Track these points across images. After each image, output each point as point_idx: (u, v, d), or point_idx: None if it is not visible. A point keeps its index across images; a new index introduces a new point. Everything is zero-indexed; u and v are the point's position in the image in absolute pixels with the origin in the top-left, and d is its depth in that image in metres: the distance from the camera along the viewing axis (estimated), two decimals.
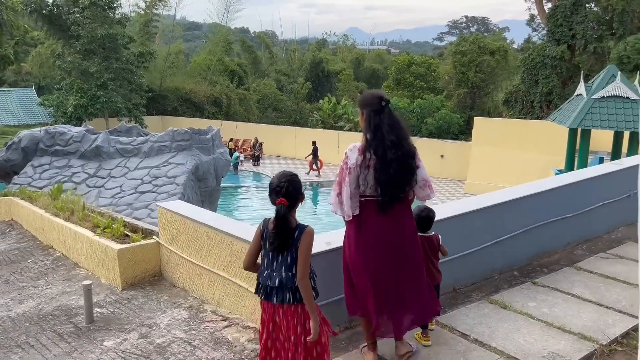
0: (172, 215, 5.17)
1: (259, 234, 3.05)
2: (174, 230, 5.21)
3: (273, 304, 2.93)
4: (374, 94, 3.44)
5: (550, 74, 21.93)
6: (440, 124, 27.31)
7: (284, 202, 2.88)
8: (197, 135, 13.30)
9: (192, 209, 5.18)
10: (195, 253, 4.90)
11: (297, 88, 43.81)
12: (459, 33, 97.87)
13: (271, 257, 2.96)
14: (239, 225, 4.54)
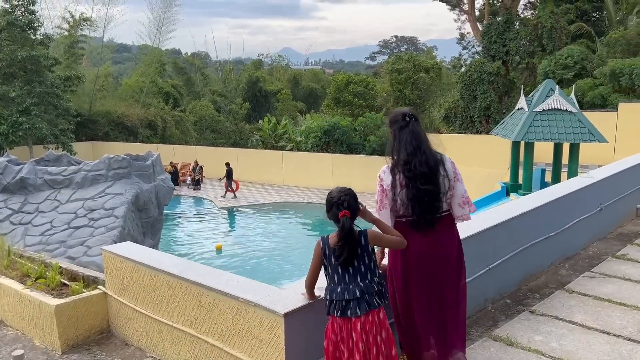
0: (122, 261, 4.37)
1: (320, 253, 3.05)
2: (124, 278, 4.41)
3: (351, 318, 2.92)
4: (398, 111, 3.44)
5: (488, 89, 22.51)
6: (383, 141, 27.34)
7: (347, 214, 2.99)
8: (135, 161, 12.30)
9: (146, 253, 4.40)
10: (154, 306, 4.13)
11: (236, 108, 42.97)
12: (389, 52, 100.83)
13: (341, 272, 2.99)
14: (208, 271, 3.83)
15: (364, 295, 2.93)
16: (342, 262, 2.96)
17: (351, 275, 2.97)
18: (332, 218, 3.06)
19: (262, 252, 17.97)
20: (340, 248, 2.96)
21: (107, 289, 4.70)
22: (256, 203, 24.80)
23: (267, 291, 3.35)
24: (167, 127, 35.82)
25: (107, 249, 4.54)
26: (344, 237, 2.96)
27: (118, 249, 4.53)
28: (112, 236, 10.11)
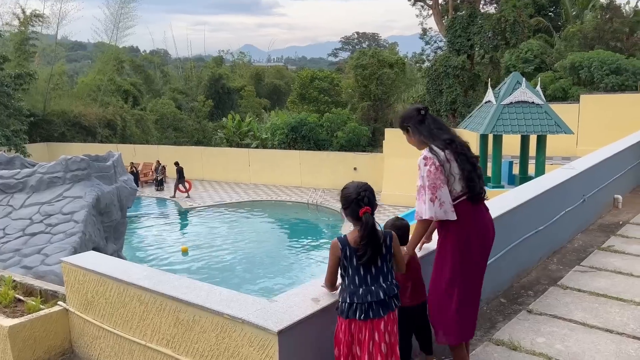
0: (85, 273, 3.90)
1: (339, 255, 2.87)
2: (88, 293, 3.93)
3: (374, 320, 2.82)
4: (410, 108, 3.45)
5: (454, 83, 22.57)
6: (350, 137, 27.18)
7: (369, 210, 2.86)
8: (95, 162, 11.61)
9: (112, 264, 3.94)
10: (123, 323, 3.68)
11: (198, 106, 41.98)
12: (351, 49, 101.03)
13: (363, 272, 2.85)
14: (186, 284, 3.40)
15: (386, 297, 2.85)
16: (365, 262, 2.82)
17: (373, 276, 2.86)
18: (351, 215, 2.89)
19: (231, 254, 17.45)
20: (364, 247, 2.80)
21: (68, 304, 4.21)
22: (223, 202, 24.19)
23: (255, 305, 2.97)
24: (127, 127, 34.64)
25: (67, 260, 4.05)
26: (368, 236, 2.80)
27: (79, 260, 4.05)
28: (72, 242, 9.46)
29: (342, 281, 2.93)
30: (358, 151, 27.05)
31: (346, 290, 2.85)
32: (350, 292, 2.82)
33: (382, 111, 37.45)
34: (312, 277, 4.13)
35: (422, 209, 3.21)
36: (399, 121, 3.44)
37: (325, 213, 22.20)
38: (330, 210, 22.32)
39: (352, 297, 2.81)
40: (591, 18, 30.62)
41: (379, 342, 2.81)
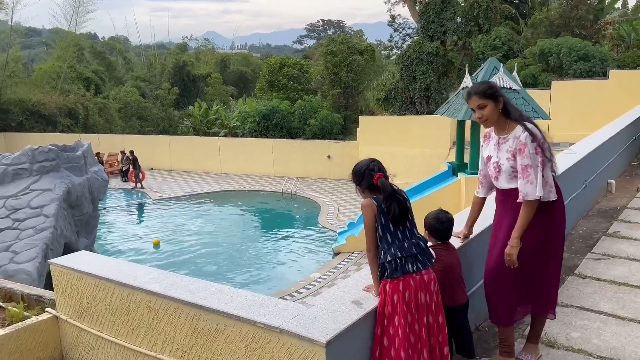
0: (81, 277, 3.45)
1: (375, 211, 2.85)
2: (84, 298, 3.49)
3: (421, 271, 2.82)
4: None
5: (427, 70, 22.46)
6: (323, 125, 26.78)
7: (382, 175, 2.93)
8: (64, 152, 10.92)
9: (113, 265, 3.50)
10: (127, 332, 3.27)
11: (163, 94, 40.77)
12: (317, 36, 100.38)
13: (393, 229, 2.85)
14: (203, 286, 3.01)
15: (420, 252, 2.86)
16: (394, 220, 2.82)
17: (404, 233, 2.87)
18: (367, 187, 2.92)
19: (205, 246, 16.91)
20: (390, 206, 2.81)
21: (59, 311, 3.75)
22: (193, 193, 23.51)
23: (291, 310, 2.62)
24: (90, 115, 33.29)
25: (57, 262, 3.59)
26: (390, 196, 2.85)
27: (72, 261, 3.59)
28: (42, 238, 8.84)
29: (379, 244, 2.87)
30: (331, 139, 26.73)
31: (386, 250, 2.80)
32: (388, 251, 2.79)
33: (353, 99, 37.19)
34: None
35: (529, 189, 3.12)
36: (489, 88, 3.27)
37: (300, 202, 21.84)
38: (306, 199, 21.98)
39: (393, 254, 2.77)
40: (557, 5, 31.05)
41: (428, 297, 2.81)
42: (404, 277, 2.72)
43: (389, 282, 2.72)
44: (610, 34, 33.00)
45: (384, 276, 2.75)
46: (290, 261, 15.57)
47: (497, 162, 3.34)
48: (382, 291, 2.72)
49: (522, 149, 3.18)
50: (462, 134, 17.08)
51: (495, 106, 3.26)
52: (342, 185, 23.88)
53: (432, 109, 22.83)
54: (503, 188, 3.36)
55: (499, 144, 3.34)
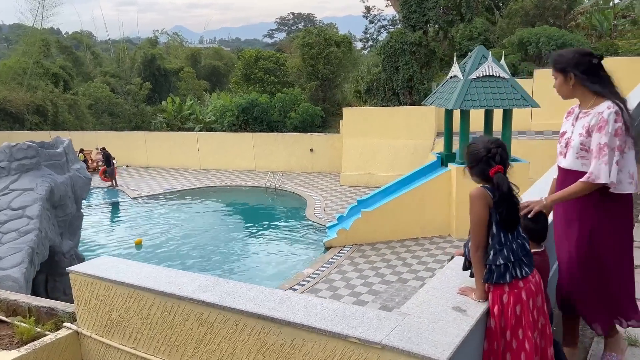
0: (110, 286, 2.98)
1: (488, 203, 2.45)
2: (114, 311, 3.02)
3: (528, 276, 2.46)
4: (578, 51, 2.97)
5: (410, 60, 22.24)
6: (304, 118, 26.33)
7: (501, 169, 2.51)
8: (44, 149, 10.22)
9: (149, 271, 3.03)
10: (172, 349, 2.82)
11: (135, 89, 39.62)
12: (287, 30, 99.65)
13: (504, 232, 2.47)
14: (266, 294, 2.58)
15: (527, 254, 2.53)
16: (503, 223, 2.46)
17: (514, 233, 2.50)
18: (478, 175, 2.56)
19: (188, 244, 16.35)
20: (499, 211, 2.44)
21: (81, 326, 3.26)
22: (173, 190, 22.81)
23: (386, 321, 2.22)
24: (59, 112, 32.03)
25: (80, 270, 3.10)
26: (504, 199, 2.44)
27: (98, 268, 3.10)
28: (27, 242, 8.19)
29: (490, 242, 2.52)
30: (312, 132, 26.31)
31: (497, 251, 2.43)
32: (500, 252, 2.43)
33: (330, 91, 36.86)
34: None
35: (601, 171, 2.74)
36: (556, 61, 2.98)
37: (285, 196, 21.39)
38: (290, 193, 21.54)
39: (506, 256, 2.43)
40: None
41: (540, 300, 2.48)
42: (512, 282, 2.38)
43: (507, 291, 2.37)
44: (582, 23, 33.44)
45: (488, 280, 2.39)
46: (280, 257, 15.15)
47: (569, 137, 3.06)
48: (497, 300, 2.35)
49: (602, 127, 2.86)
50: (450, 124, 16.90)
51: (565, 80, 3.00)
52: (326, 179, 23.52)
53: (416, 99, 22.65)
54: (566, 167, 3.04)
55: (577, 119, 3.06)
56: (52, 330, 3.37)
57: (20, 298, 3.75)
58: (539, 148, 19.67)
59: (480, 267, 2.40)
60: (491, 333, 2.29)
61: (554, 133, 20.95)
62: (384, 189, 17.01)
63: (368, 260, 14.28)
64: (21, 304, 3.68)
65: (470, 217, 2.42)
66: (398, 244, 15.44)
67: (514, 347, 2.28)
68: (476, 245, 2.41)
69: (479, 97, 15.21)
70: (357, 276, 13.28)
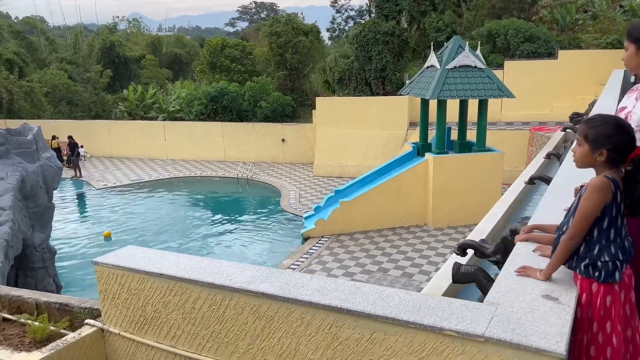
0: (145, 279, 2.69)
1: (609, 198, 2.21)
2: (148, 306, 2.74)
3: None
4: None
5: (383, 50, 22.15)
6: (275, 107, 25.92)
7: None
8: (12, 137, 9.60)
9: (187, 262, 2.76)
10: (220, 345, 2.56)
11: (95, 77, 38.15)
12: (249, 18, 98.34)
13: (620, 225, 2.28)
14: (335, 285, 2.37)
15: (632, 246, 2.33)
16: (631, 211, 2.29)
17: (623, 225, 2.31)
18: (611, 148, 2.22)
19: (159, 237, 15.86)
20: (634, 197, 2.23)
21: (106, 323, 2.95)
22: (141, 181, 22.08)
23: (480, 311, 2.05)
24: (15, 100, 30.49)
25: (108, 261, 2.80)
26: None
27: (129, 259, 2.81)
28: (1, 234, 7.65)
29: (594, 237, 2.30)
30: (282, 122, 25.96)
31: (603, 247, 2.24)
32: (607, 249, 2.23)
33: (299, 81, 36.52)
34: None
35: None
36: (631, 29, 2.78)
37: (258, 187, 21.04)
38: (263, 184, 21.20)
39: (614, 254, 2.23)
40: None
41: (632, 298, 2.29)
42: (619, 282, 2.23)
43: (606, 288, 2.21)
44: (545, 17, 34.21)
45: (593, 276, 2.22)
46: (258, 249, 14.87)
47: (629, 111, 2.89)
48: (586, 288, 2.20)
49: None
50: (426, 114, 16.93)
51: (636, 51, 2.79)
52: (299, 169, 23.28)
53: (389, 90, 22.62)
54: None
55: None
56: (67, 328, 3.05)
57: (24, 294, 3.40)
58: (509, 138, 20.01)
59: (565, 254, 2.23)
60: (577, 323, 2.15)
61: (524, 124, 21.38)
62: (360, 179, 16.93)
63: (347, 250, 14.17)
64: (27, 300, 3.33)
65: (582, 205, 2.19)
66: (376, 233, 15.40)
67: (600, 340, 2.14)
68: (572, 235, 2.23)
69: (456, 87, 15.27)
70: (337, 266, 13.16)
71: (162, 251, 2.93)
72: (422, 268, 12.88)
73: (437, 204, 15.62)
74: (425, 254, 13.76)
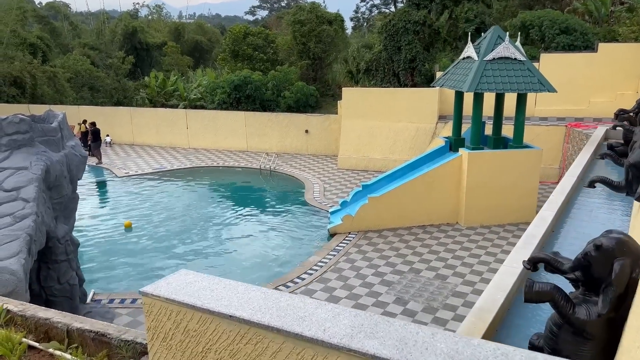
0: (209, 319, 2.15)
1: None
2: (211, 352, 2.20)
3: None
4: None
5: (413, 40, 21.37)
6: (299, 97, 25.35)
7: None
8: (37, 124, 9.16)
9: (267, 299, 2.22)
10: None
11: (117, 63, 37.93)
12: (270, 7, 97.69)
13: None
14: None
15: None
16: None
17: None
18: None
19: (182, 227, 15.45)
20: None
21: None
22: (162, 169, 21.74)
23: None
24: (38, 85, 30.35)
25: (156, 293, 2.26)
26: None
27: (180, 290, 2.25)
28: (25, 228, 7.23)
29: None
30: (305, 112, 25.38)
31: None
32: None
33: (321, 70, 35.90)
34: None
35: None
36: None
37: (281, 179, 20.55)
38: (287, 175, 20.70)
39: None
40: None
41: None
42: None
43: None
44: (579, 9, 33.06)
45: None
46: (281, 243, 14.37)
47: None
48: None
49: None
50: (461, 108, 16.23)
51: None
52: (323, 161, 22.72)
53: (417, 81, 21.90)
54: None
55: None
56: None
57: (54, 316, 2.90)
58: (544, 134, 19.20)
59: None
60: None
61: (559, 119, 20.51)
62: (389, 174, 16.32)
63: (376, 248, 13.62)
64: (56, 324, 2.83)
65: None
66: (405, 231, 14.81)
67: None
68: None
69: (495, 79, 14.54)
70: (366, 265, 12.62)
71: (224, 280, 2.39)
72: (455, 270, 12.28)
73: (471, 202, 14.97)
74: (458, 255, 13.14)
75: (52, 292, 9.31)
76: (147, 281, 10.59)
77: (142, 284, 9.12)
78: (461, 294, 11.03)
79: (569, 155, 18.73)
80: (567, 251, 6.06)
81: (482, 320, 4.20)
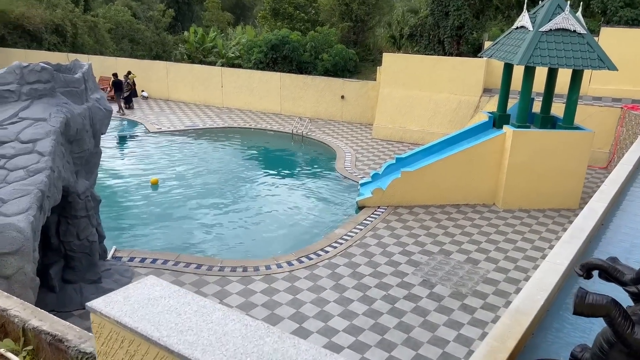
0: (153, 350, 1.64)
1: None
2: None
3: None
4: None
5: (463, 5, 20.07)
6: (337, 61, 24.44)
7: None
8: (60, 73, 8.79)
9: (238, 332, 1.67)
10: None
11: (157, 16, 37.57)
12: None
13: None
14: None
15: None
16: None
17: None
18: None
19: (209, 189, 15.16)
20: None
21: None
22: (195, 127, 21.46)
23: None
24: (79, 34, 30.31)
25: (100, 308, 1.74)
26: None
27: (129, 305, 1.75)
28: (37, 183, 6.93)
29: None
30: (343, 77, 24.50)
31: None
32: None
33: (363, 34, 34.64)
34: None
35: None
36: None
37: (313, 145, 19.98)
38: (318, 142, 20.11)
39: None
40: None
41: None
42: None
43: None
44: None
45: None
46: (307, 212, 13.92)
47: None
48: None
49: None
50: (509, 82, 15.17)
51: None
52: (357, 130, 21.99)
53: (463, 50, 20.70)
54: None
55: None
56: None
57: (13, 307, 2.45)
58: (596, 115, 17.92)
59: None
60: None
61: (614, 100, 19.09)
62: (426, 148, 15.52)
63: (405, 226, 13.02)
64: (12, 318, 2.38)
65: None
66: (438, 209, 14.13)
67: None
68: None
69: (550, 53, 13.38)
70: (394, 242, 12.06)
71: (198, 298, 1.84)
72: (488, 254, 11.60)
73: (511, 183, 14.10)
74: (493, 239, 12.43)
75: (71, 247, 9.16)
76: (169, 243, 10.11)
77: (164, 244, 8.68)
78: (492, 281, 10.39)
79: (622, 139, 17.45)
80: (617, 248, 5.34)
81: (519, 324, 3.67)
